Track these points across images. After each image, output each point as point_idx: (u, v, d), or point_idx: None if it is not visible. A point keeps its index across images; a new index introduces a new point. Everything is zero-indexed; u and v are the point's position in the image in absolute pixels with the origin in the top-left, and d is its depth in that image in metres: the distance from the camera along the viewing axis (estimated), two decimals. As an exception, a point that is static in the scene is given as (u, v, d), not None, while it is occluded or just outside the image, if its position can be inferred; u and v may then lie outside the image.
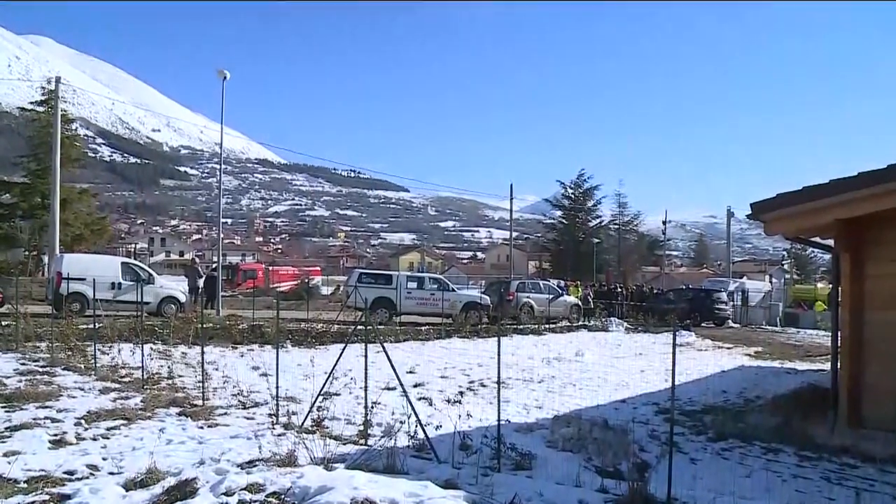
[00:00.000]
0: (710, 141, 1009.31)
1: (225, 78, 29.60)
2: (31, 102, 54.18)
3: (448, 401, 11.85)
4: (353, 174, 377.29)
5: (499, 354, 8.15)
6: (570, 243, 77.17)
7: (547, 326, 28.88)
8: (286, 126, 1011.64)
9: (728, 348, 24.92)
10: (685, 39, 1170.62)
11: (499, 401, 7.97)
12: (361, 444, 8.31)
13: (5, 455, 7.52)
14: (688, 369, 16.93)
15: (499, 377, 8.20)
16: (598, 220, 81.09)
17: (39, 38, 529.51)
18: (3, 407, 9.90)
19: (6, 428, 8.74)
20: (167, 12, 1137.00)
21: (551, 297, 33.15)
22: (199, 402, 10.60)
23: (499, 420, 7.93)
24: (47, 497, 6.13)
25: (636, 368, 18.01)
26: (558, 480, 7.25)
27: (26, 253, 52.26)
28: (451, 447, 7.84)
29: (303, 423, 9.18)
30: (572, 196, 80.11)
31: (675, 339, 7.56)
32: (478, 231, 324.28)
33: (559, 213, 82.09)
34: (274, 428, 9.11)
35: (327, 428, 9.20)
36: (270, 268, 66.64)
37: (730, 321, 36.97)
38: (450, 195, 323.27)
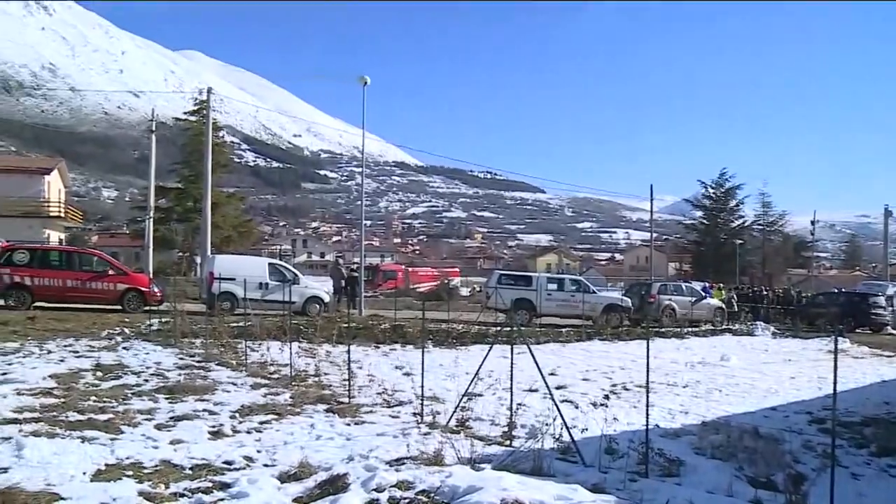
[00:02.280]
0: (860, 138, 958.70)
1: (365, 84, 30.19)
2: (185, 113, 56.99)
3: (593, 404, 11.68)
4: (489, 175, 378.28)
5: (647, 357, 7.97)
6: (711, 244, 75.07)
7: (689, 330, 28.11)
8: (423, 128, 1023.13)
9: (888, 356, 23.49)
10: (829, 38, 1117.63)
11: (647, 405, 7.78)
12: (506, 446, 8.30)
13: (171, 443, 8.02)
14: (843, 377, 16.04)
15: (647, 380, 8.02)
16: (740, 221, 78.44)
17: (192, 53, 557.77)
18: (166, 398, 10.48)
19: (170, 418, 9.26)
20: (306, 23, 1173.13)
21: (694, 299, 32.32)
22: (346, 400, 10.83)
23: (647, 424, 7.75)
24: (210, 484, 6.46)
25: (785, 375, 17.26)
26: (709, 489, 7.06)
27: (180, 254, 54.93)
28: (598, 451, 7.72)
29: (447, 423, 9.25)
30: (713, 196, 77.85)
31: (836, 343, 7.17)
32: (615, 232, 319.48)
33: (700, 213, 79.99)
34: (419, 427, 9.20)
35: (471, 428, 9.23)
36: (410, 269, 67.62)
37: (889, 327, 34.88)
38: (587, 196, 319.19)
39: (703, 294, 34.26)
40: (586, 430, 8.76)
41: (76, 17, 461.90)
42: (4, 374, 11.90)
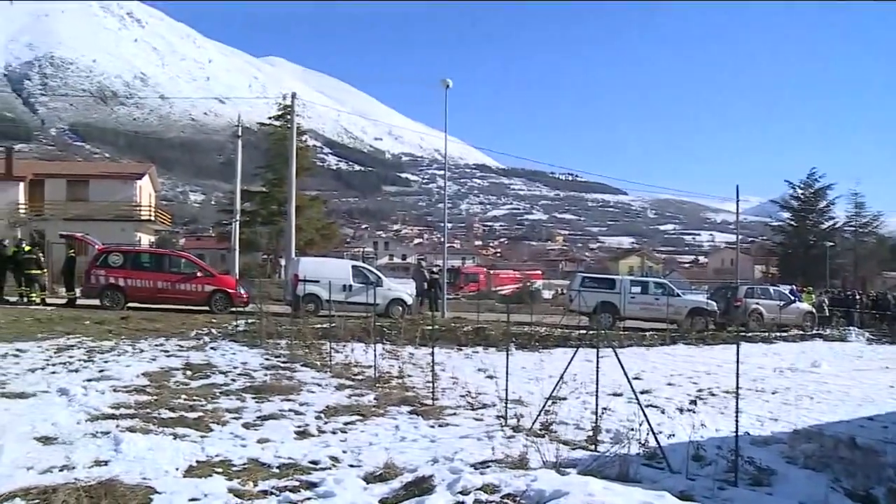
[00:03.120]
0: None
1: (448, 86, 30.30)
2: (269, 118, 57.98)
3: (679, 409, 11.48)
4: (570, 177, 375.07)
5: (737, 362, 7.78)
6: (799, 247, 73.00)
7: (777, 334, 27.40)
8: (504, 131, 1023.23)
9: None
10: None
11: (737, 410, 7.59)
12: (591, 450, 8.20)
13: (259, 442, 8.15)
14: (948, 388, 15.46)
15: (737, 385, 7.82)
16: (831, 222, 76.04)
17: (274, 59, 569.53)
18: (253, 398, 10.68)
19: (257, 417, 9.42)
20: (388, 27, 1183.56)
21: (782, 303, 31.49)
22: (429, 402, 10.85)
23: (736, 431, 7.57)
24: (297, 483, 6.56)
25: (883, 383, 16.63)
26: (802, 500, 6.84)
27: (264, 256, 55.98)
28: (685, 457, 7.57)
29: (532, 426, 9.19)
30: (802, 196, 75.73)
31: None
32: (699, 234, 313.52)
33: (787, 214, 77.87)
34: (503, 430, 9.16)
35: (555, 432, 9.14)
36: (491, 271, 67.57)
37: None
38: (669, 197, 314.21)
39: (792, 298, 33.32)
40: (673, 435, 8.62)
41: (166, 29, 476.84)
42: (101, 371, 12.32)
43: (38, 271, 26.03)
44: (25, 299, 25.24)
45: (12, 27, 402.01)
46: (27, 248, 26.39)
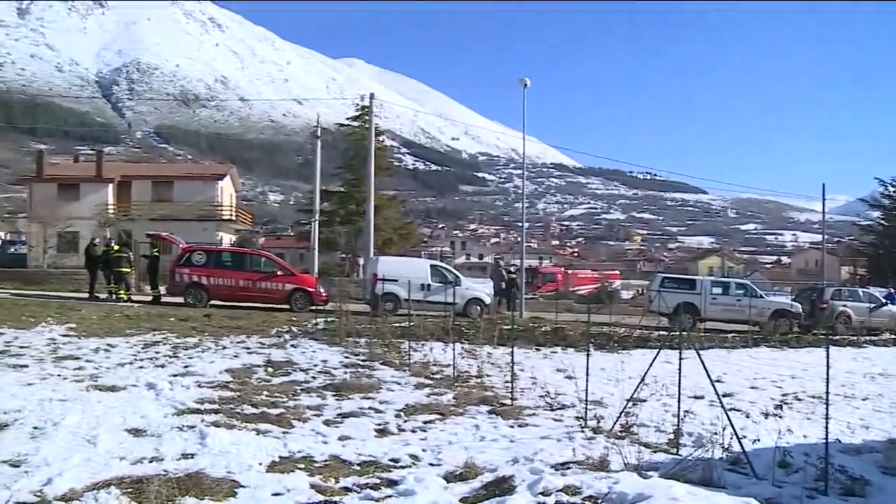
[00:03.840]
0: None
1: (525, 86, 30.14)
2: (347, 119, 58.61)
3: (764, 414, 11.19)
4: (649, 176, 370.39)
5: (827, 365, 7.60)
6: (891, 247, 70.43)
7: (867, 339, 26.50)
8: (581, 129, 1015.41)
9: None
10: None
11: (826, 416, 7.37)
12: (673, 454, 8.07)
13: (339, 439, 8.27)
14: None
15: (826, 389, 7.62)
16: (926, 221, 73.10)
17: (352, 61, 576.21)
18: (334, 395, 10.81)
19: (338, 415, 9.54)
20: (464, 27, 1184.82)
21: (872, 306, 30.43)
22: (508, 402, 10.82)
23: (826, 437, 7.32)
24: (378, 480, 6.62)
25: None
26: (901, 513, 6.60)
27: (343, 255, 56.62)
28: (770, 463, 7.36)
29: (612, 428, 9.08)
30: (894, 195, 73.09)
31: None
32: (782, 234, 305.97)
33: (877, 213, 75.09)
34: (583, 431, 9.07)
35: (636, 434, 9.01)
36: (569, 271, 67.16)
37: None
38: (751, 196, 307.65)
39: (885, 301, 32.08)
40: (758, 440, 8.38)
41: (246, 32, 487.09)
42: (186, 367, 12.64)
43: (128, 269, 26.88)
44: (114, 296, 26.08)
45: (104, 36, 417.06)
46: (116, 248, 27.24)
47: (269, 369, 13.00)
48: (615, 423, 9.17)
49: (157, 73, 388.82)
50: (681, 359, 8.42)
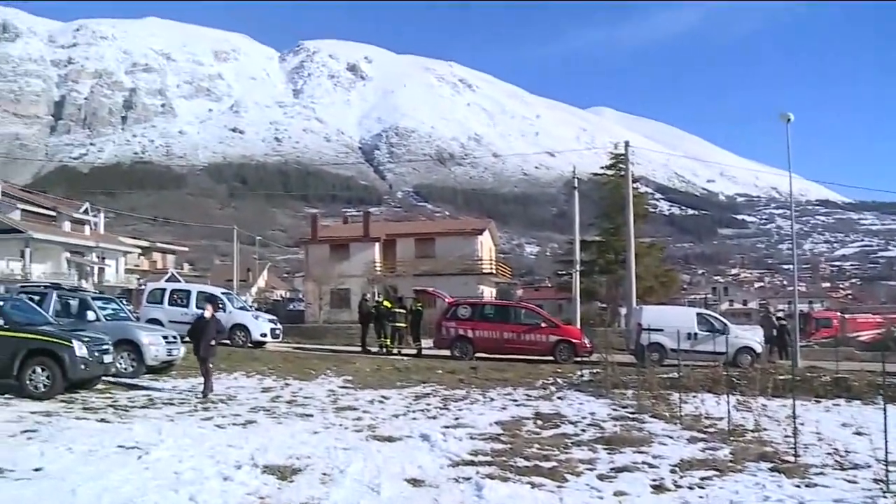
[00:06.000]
0: None
1: (789, 121, 28.69)
2: (601, 167, 58.54)
3: None
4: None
5: None
6: None
7: None
8: (848, 162, 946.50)
9: None
10: None
11: None
12: None
13: (615, 495, 8.21)
14: None
15: None
16: None
17: (600, 109, 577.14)
18: (605, 449, 10.70)
19: (611, 469, 9.43)
20: (713, 67, 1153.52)
21: None
22: (791, 459, 10.15)
23: None
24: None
25: None
26: None
27: (603, 305, 56.14)
28: None
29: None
30: None
31: None
32: None
33: None
34: (885, 496, 8.28)
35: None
36: (846, 315, 62.47)
37: None
38: None
39: None
40: None
41: (495, 90, 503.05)
42: (457, 419, 13.04)
43: (403, 325, 28.29)
44: (385, 349, 27.48)
45: (365, 106, 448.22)
46: (387, 304, 28.76)
47: (539, 422, 13.09)
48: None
49: (414, 135, 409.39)
50: None
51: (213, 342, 15.78)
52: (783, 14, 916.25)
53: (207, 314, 16.05)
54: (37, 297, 18.95)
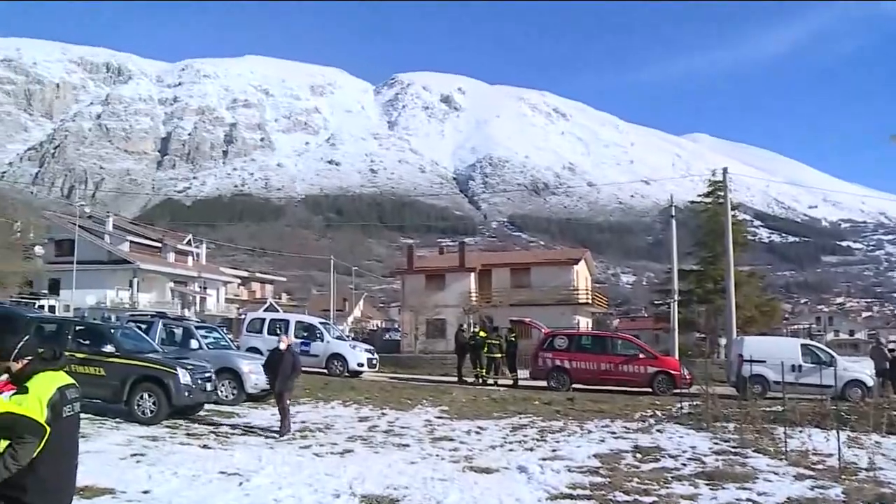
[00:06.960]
0: None
1: (900, 142, 27.65)
2: (699, 195, 57.54)
3: None
4: None
5: None
6: None
7: None
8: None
9: None
10: None
11: None
12: None
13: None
14: None
15: None
16: None
17: (696, 136, 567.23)
18: (707, 484, 10.45)
19: (714, 506, 9.13)
20: (814, 88, 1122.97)
21: None
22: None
23: None
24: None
25: None
26: None
27: (701, 336, 54.92)
28: None
29: None
30: None
31: None
32: None
33: None
34: None
35: None
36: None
37: None
38: None
39: None
40: None
41: (589, 119, 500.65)
42: (554, 451, 12.91)
43: (500, 355, 28.25)
44: (480, 380, 27.44)
45: (458, 137, 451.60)
46: (483, 334, 28.76)
47: (638, 455, 12.86)
48: None
49: (508, 165, 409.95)
50: None
51: (290, 376, 14.80)
52: (891, 24, 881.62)
53: (283, 346, 15.16)
54: (144, 326, 19.70)
